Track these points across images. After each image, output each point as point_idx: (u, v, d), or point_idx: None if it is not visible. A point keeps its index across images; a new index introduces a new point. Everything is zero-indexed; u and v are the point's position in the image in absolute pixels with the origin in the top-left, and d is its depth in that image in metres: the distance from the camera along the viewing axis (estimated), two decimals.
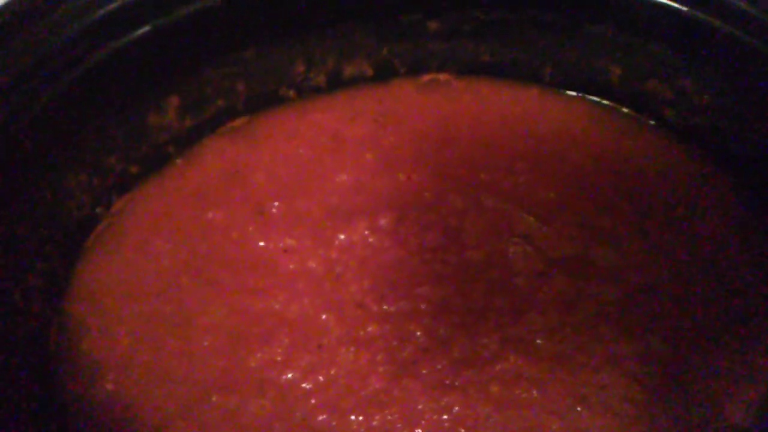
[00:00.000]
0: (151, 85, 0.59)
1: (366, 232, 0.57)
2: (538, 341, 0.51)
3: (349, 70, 0.68)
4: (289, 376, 0.50)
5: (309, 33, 0.65)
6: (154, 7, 0.55)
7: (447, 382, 0.49)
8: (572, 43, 0.66)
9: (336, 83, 0.68)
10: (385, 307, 0.53)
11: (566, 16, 0.64)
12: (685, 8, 0.59)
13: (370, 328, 0.52)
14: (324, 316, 0.52)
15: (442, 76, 0.70)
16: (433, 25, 0.67)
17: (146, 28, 0.55)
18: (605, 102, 0.68)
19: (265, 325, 0.52)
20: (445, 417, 0.48)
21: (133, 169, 0.61)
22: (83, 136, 0.56)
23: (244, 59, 0.63)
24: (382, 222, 0.58)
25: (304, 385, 0.49)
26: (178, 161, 0.64)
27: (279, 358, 0.50)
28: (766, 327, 0.53)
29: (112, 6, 0.53)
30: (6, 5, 0.51)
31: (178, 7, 0.56)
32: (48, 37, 0.51)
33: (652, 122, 0.67)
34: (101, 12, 0.53)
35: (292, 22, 0.63)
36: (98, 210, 0.59)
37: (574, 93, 0.69)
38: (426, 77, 0.70)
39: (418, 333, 0.51)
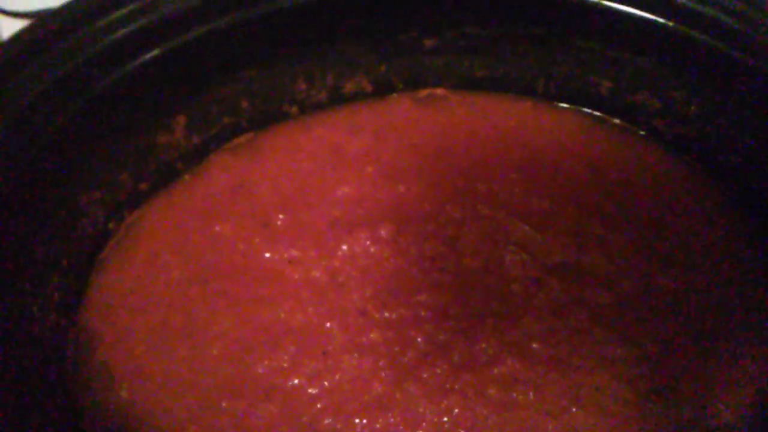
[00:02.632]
0: (160, 106, 0.61)
1: (367, 243, 0.59)
2: (534, 345, 0.53)
3: (349, 87, 0.71)
4: (296, 381, 0.51)
5: (310, 52, 0.67)
6: (161, 32, 0.57)
7: (447, 385, 0.51)
8: (564, 58, 0.68)
9: (337, 99, 0.70)
10: (386, 314, 0.54)
11: (557, 31, 0.66)
12: (671, 23, 0.61)
13: (372, 335, 0.53)
14: (328, 324, 0.54)
15: (439, 91, 0.72)
16: (429, 42, 0.69)
17: (154, 52, 0.57)
18: (597, 113, 0.70)
19: (272, 333, 0.54)
20: (445, 419, 0.49)
21: (144, 186, 0.63)
22: (96, 155, 0.58)
23: (248, 78, 0.65)
24: (383, 232, 0.59)
25: (309, 390, 0.51)
26: (186, 177, 0.65)
27: (285, 365, 0.52)
28: (754, 329, 0.54)
29: (122, 32, 0.55)
30: (21, 33, 0.53)
31: (184, 31, 0.58)
32: (62, 63, 0.53)
33: (643, 132, 0.69)
34: (112, 38, 0.55)
35: (293, 41, 0.65)
36: (111, 225, 0.61)
37: (566, 105, 0.71)
38: (423, 92, 0.72)
39: (419, 339, 0.53)
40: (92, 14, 0.54)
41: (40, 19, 0.53)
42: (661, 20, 0.61)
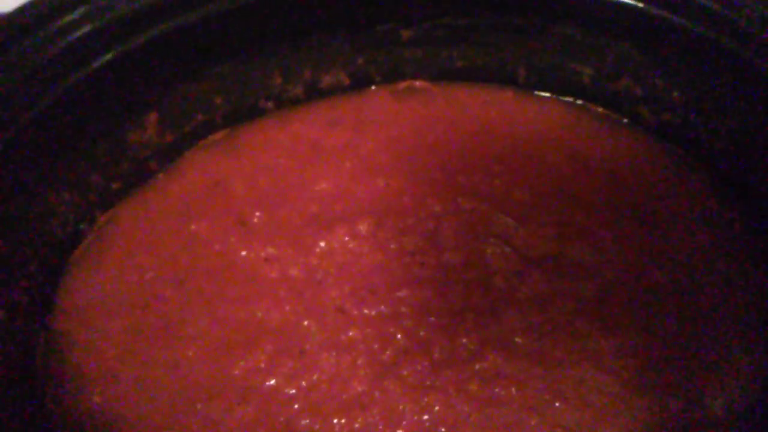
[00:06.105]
0: (130, 103, 0.60)
1: (346, 239, 0.58)
2: (517, 339, 0.52)
3: (326, 80, 0.70)
4: (273, 382, 0.50)
5: (284, 45, 0.66)
6: (129, 27, 0.56)
7: (427, 382, 0.50)
8: (543, 46, 0.67)
9: (313, 93, 0.70)
10: (365, 311, 0.53)
11: (535, 19, 0.65)
12: (650, 7, 0.60)
13: (351, 333, 0.52)
14: (306, 323, 0.53)
15: (418, 83, 0.71)
16: (406, 33, 0.68)
17: (122, 48, 0.56)
18: (579, 102, 0.69)
19: (248, 333, 0.53)
20: (425, 417, 0.48)
21: (116, 185, 0.62)
22: (65, 155, 0.57)
23: (221, 74, 0.64)
24: (362, 228, 0.58)
25: (287, 390, 0.50)
26: (160, 176, 0.64)
27: (262, 365, 0.51)
28: (743, 320, 0.53)
29: (89, 27, 0.54)
30: None
31: (152, 25, 0.57)
32: (27, 60, 0.52)
33: (626, 120, 0.68)
34: (79, 33, 0.54)
35: (267, 35, 0.64)
36: (82, 226, 0.60)
37: (548, 94, 0.70)
38: (402, 84, 0.71)
39: (399, 335, 0.52)
40: (52, 14, 0.53)
41: None
42: (640, 5, 0.60)
